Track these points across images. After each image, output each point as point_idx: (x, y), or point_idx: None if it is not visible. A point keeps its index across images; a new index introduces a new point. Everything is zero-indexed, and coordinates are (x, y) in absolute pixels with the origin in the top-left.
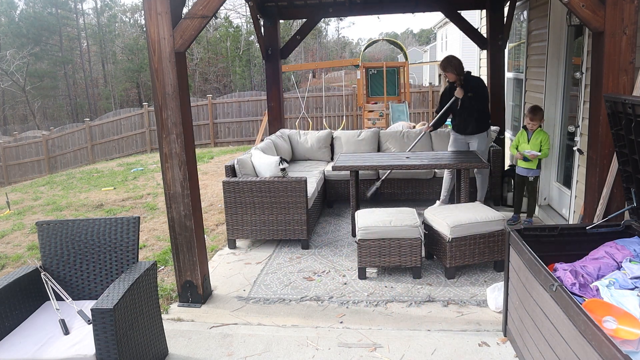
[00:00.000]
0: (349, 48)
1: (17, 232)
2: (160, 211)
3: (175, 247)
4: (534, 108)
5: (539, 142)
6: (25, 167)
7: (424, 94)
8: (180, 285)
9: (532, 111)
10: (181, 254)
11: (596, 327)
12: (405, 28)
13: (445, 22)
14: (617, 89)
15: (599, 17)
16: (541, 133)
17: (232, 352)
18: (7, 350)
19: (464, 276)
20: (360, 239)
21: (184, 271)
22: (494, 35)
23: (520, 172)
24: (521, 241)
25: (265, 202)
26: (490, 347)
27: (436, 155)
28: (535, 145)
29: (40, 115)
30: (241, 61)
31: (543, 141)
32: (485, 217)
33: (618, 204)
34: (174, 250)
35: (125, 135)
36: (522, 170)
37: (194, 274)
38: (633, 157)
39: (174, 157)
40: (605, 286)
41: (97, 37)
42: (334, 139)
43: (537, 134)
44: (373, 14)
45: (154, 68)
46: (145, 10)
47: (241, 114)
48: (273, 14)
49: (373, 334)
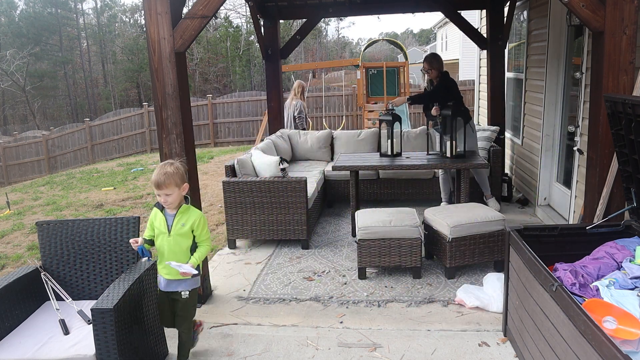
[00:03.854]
0: (349, 48)
1: (17, 232)
2: None
3: None
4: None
5: (188, 230)
6: (25, 167)
7: None
8: None
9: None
10: None
11: (596, 327)
12: (405, 28)
13: (445, 22)
14: (617, 89)
15: (599, 17)
16: (189, 211)
17: (232, 352)
18: (7, 350)
19: (464, 276)
20: (360, 239)
21: None
22: (494, 35)
23: (167, 286)
24: (521, 241)
25: (265, 202)
26: (490, 347)
27: (436, 155)
28: (183, 237)
29: (40, 115)
30: (241, 61)
31: (196, 226)
32: (485, 217)
33: (618, 204)
34: None
35: (125, 135)
36: (168, 283)
37: None
38: (633, 157)
39: (174, 157)
40: (605, 286)
41: (97, 37)
42: (333, 139)
43: (183, 213)
44: (373, 14)
45: (154, 68)
46: (145, 10)
47: (241, 114)
48: (273, 14)
49: (373, 334)
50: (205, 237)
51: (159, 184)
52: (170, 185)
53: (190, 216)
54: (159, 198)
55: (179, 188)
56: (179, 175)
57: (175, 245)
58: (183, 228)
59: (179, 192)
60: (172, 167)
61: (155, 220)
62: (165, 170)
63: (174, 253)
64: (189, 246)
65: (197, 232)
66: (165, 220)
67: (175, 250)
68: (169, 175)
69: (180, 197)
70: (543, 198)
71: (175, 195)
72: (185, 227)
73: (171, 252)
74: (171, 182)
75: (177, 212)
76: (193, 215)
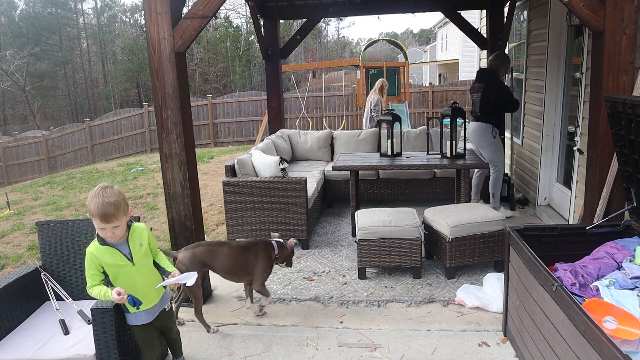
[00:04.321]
0: (349, 48)
1: (17, 232)
2: (160, 211)
3: (175, 247)
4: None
5: (147, 247)
6: (25, 167)
7: (424, 94)
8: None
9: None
10: None
11: (596, 327)
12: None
13: (445, 22)
14: (617, 89)
15: (599, 17)
16: (135, 228)
17: (232, 352)
18: (7, 350)
19: (464, 276)
20: (360, 239)
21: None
22: (494, 35)
23: (152, 314)
24: (521, 241)
25: (265, 202)
26: (490, 347)
27: (436, 156)
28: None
29: (40, 115)
30: (241, 61)
31: (150, 239)
32: (485, 217)
33: (618, 204)
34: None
35: (125, 135)
36: (151, 311)
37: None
38: (633, 157)
39: (174, 157)
40: (605, 286)
41: (97, 37)
42: (333, 139)
43: (133, 234)
44: (373, 14)
45: (154, 68)
46: (145, 10)
47: (241, 114)
48: (273, 14)
49: (373, 334)
50: (156, 245)
51: (107, 216)
52: (119, 216)
53: (140, 233)
54: (104, 232)
55: (126, 215)
56: (124, 201)
57: (144, 269)
58: (142, 248)
59: (125, 219)
60: (114, 193)
61: (105, 258)
62: (110, 200)
63: (146, 277)
64: (152, 263)
65: (152, 245)
66: (120, 252)
67: (147, 275)
68: (116, 205)
69: (125, 223)
70: (543, 198)
71: (123, 225)
72: (144, 245)
73: (144, 279)
74: (119, 212)
75: (127, 236)
76: (141, 230)
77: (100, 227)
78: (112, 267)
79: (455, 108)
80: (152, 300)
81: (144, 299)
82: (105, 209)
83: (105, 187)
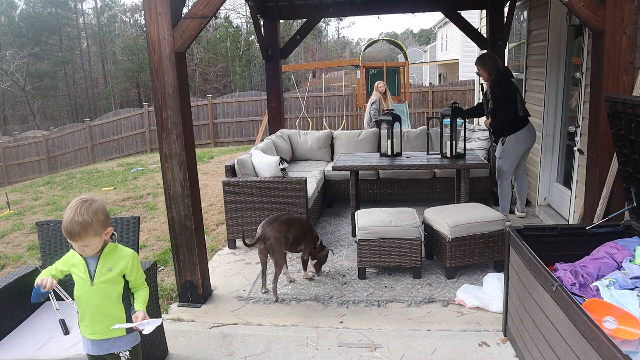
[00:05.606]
0: (349, 48)
1: (17, 232)
2: (160, 211)
3: (175, 247)
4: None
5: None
6: (25, 167)
7: (424, 94)
8: (180, 285)
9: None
10: (181, 254)
11: (596, 327)
12: (405, 28)
13: (445, 22)
14: (617, 89)
15: (599, 17)
16: (116, 251)
17: (232, 352)
18: (7, 350)
19: (464, 276)
20: (360, 239)
21: (184, 271)
22: (494, 35)
23: (97, 348)
24: (521, 241)
25: (265, 202)
26: (490, 347)
27: (436, 156)
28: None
29: (40, 115)
30: (241, 61)
31: (129, 270)
32: (485, 217)
33: (618, 204)
34: (174, 250)
35: (125, 135)
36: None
37: (194, 274)
38: (633, 157)
39: (174, 157)
40: (605, 286)
41: (97, 37)
42: (334, 139)
43: (109, 255)
44: (373, 14)
45: (154, 68)
46: (145, 10)
47: (241, 114)
48: (273, 14)
49: (373, 334)
50: (142, 280)
51: (71, 234)
52: (85, 237)
53: (119, 258)
54: (74, 245)
55: (99, 236)
56: (99, 222)
57: (102, 295)
58: (110, 273)
59: (100, 240)
60: (89, 212)
61: (75, 261)
62: (78, 219)
63: (100, 306)
64: (119, 294)
65: (132, 277)
66: (85, 264)
67: (103, 302)
68: (85, 225)
69: (102, 243)
70: (543, 198)
71: (93, 245)
72: (114, 271)
73: (96, 304)
74: (87, 233)
75: (100, 254)
76: (123, 257)
77: (69, 241)
78: (74, 274)
79: (455, 108)
80: (100, 333)
81: (88, 327)
82: (70, 226)
83: (84, 201)
